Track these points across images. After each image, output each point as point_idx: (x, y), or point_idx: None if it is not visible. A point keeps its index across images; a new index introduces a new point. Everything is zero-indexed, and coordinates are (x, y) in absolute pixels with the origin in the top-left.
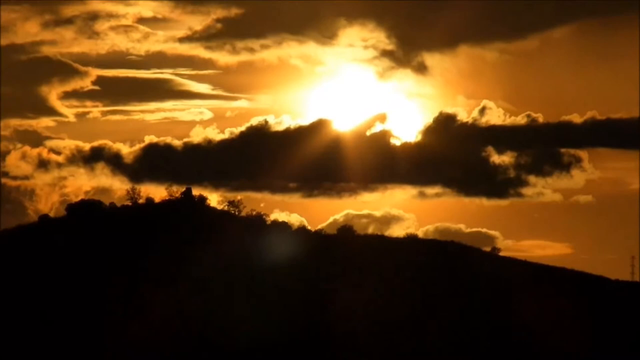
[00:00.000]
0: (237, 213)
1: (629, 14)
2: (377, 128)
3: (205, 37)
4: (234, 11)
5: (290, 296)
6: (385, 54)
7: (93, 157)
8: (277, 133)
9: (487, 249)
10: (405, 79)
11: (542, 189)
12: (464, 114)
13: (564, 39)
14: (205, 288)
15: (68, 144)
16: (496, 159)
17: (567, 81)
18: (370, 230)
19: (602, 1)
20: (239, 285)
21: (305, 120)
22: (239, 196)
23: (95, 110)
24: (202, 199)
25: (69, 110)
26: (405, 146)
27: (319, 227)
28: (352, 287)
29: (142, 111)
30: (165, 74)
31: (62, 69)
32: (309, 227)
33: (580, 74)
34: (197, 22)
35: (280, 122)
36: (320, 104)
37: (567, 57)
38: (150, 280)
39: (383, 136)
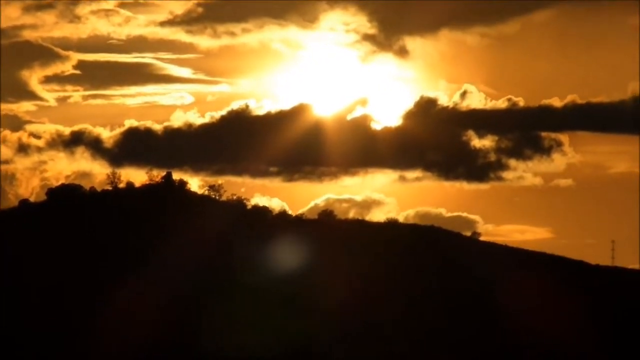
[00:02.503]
0: (217, 197)
1: None
2: (358, 112)
3: (186, 21)
4: None
5: (271, 283)
6: (366, 38)
7: (73, 141)
8: (258, 117)
9: (468, 233)
10: (386, 63)
11: (523, 173)
12: (445, 98)
13: (545, 23)
14: (185, 273)
15: (48, 129)
16: (477, 142)
17: (548, 65)
18: (351, 214)
19: None
20: (219, 271)
21: (286, 105)
22: (219, 180)
23: (76, 94)
24: (183, 183)
25: (49, 95)
26: (386, 130)
27: (300, 211)
28: (333, 271)
29: (122, 95)
30: (146, 58)
31: (43, 53)
32: (290, 212)
33: (561, 58)
34: (178, 6)
35: (261, 106)
36: (301, 88)
37: (547, 41)
38: (130, 265)
39: (364, 120)
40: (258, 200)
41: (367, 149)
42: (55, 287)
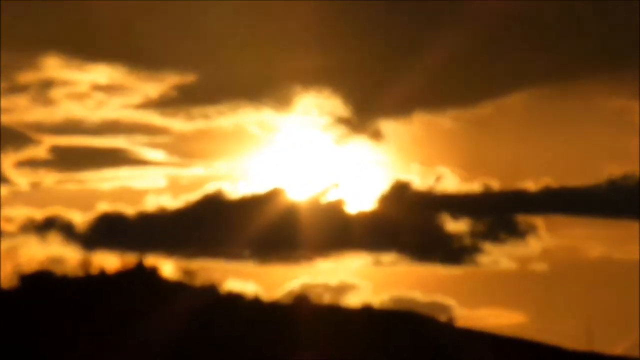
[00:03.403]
0: (190, 283)
1: (583, 80)
2: (333, 195)
3: (160, 104)
4: (189, 78)
5: None
6: (340, 120)
7: (46, 226)
8: (233, 200)
9: (444, 318)
10: (360, 146)
11: (498, 257)
12: (419, 182)
13: (518, 105)
14: None
15: (21, 214)
16: (451, 226)
17: (522, 148)
18: (326, 299)
19: (556, 67)
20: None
21: (260, 188)
22: (193, 264)
23: (49, 178)
24: (155, 268)
25: (22, 179)
26: (361, 214)
27: (274, 296)
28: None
29: (96, 179)
30: (120, 141)
31: (16, 137)
32: (264, 297)
33: (535, 140)
34: (152, 89)
35: (236, 189)
36: (276, 172)
37: (521, 124)
38: (101, 353)
39: (338, 204)
40: (232, 284)
41: (341, 232)
42: None
